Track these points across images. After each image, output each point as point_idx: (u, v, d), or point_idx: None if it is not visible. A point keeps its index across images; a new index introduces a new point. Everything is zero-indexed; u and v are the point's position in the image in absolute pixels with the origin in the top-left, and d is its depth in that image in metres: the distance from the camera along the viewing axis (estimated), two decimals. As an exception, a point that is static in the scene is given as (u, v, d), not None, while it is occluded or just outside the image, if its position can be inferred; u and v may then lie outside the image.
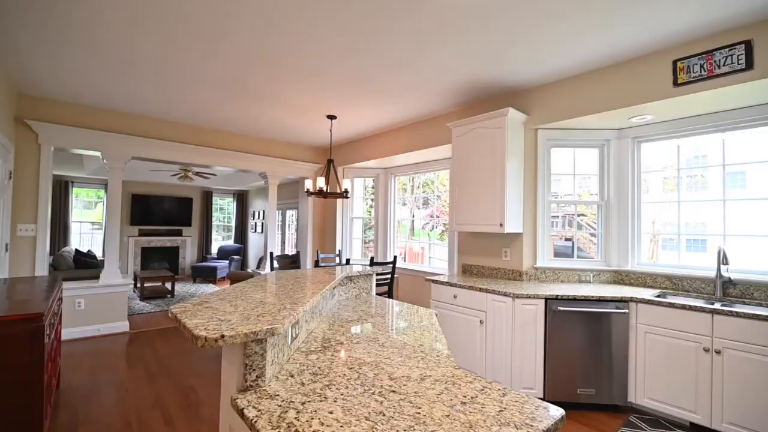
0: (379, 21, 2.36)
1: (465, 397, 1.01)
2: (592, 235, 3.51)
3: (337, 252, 5.57)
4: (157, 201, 9.08)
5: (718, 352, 2.32)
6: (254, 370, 1.03)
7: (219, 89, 3.57)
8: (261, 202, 9.73)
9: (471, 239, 3.88)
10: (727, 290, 2.73)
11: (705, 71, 2.43)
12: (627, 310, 2.69)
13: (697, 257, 3.07)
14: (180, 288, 7.50)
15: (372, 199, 5.98)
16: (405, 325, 1.76)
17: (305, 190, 4.33)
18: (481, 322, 2.99)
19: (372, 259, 4.16)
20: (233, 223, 10.56)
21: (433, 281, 3.41)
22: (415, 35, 2.51)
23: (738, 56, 2.31)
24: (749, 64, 2.28)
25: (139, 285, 6.70)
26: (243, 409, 0.94)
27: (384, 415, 0.91)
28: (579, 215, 3.63)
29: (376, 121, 4.58)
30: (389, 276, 4.27)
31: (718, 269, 2.70)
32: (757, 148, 2.75)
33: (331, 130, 4.53)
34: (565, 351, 2.74)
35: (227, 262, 8.82)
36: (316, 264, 4.42)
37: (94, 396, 2.86)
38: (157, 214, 9.08)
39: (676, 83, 2.56)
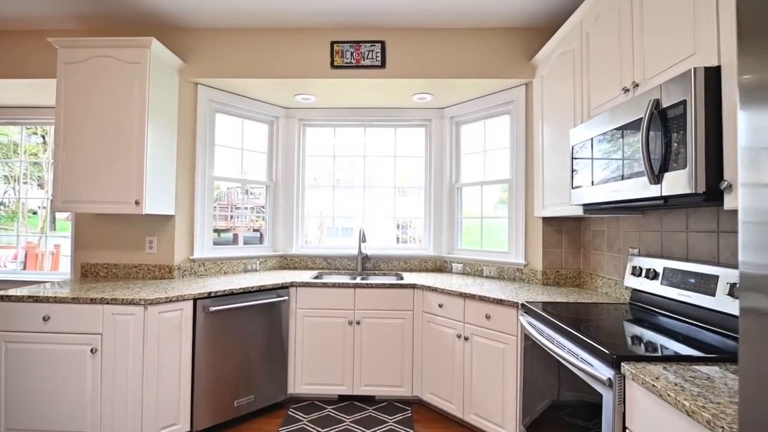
0: None
1: None
2: (264, 219, 3.22)
3: None
4: None
5: (358, 323, 2.50)
6: None
7: None
8: None
9: (98, 226, 2.63)
10: (365, 265, 3.11)
11: (354, 59, 2.58)
12: (287, 297, 2.50)
13: (349, 239, 3.40)
14: None
15: None
16: None
17: None
18: (93, 350, 1.93)
19: None
20: None
21: None
22: None
23: (376, 53, 2.57)
24: (383, 63, 2.58)
25: None
26: None
27: None
28: (260, 207, 3.27)
29: None
30: None
31: (359, 247, 3.03)
32: (385, 144, 3.32)
33: None
34: (221, 361, 2.20)
35: None
36: None
37: None
38: None
39: (333, 65, 2.59)
